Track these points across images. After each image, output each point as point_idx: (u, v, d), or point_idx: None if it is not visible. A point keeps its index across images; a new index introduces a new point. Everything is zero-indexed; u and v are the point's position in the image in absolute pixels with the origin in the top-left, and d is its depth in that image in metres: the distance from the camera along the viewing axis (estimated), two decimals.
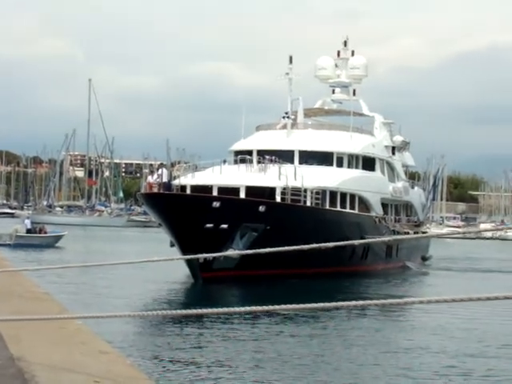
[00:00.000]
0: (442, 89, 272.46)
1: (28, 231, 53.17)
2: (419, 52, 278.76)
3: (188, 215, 31.11)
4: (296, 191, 35.64)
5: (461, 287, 34.27)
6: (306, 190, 36.15)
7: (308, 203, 36.48)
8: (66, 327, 8.59)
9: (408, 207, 51.45)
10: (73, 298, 23.73)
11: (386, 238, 7.51)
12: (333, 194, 38.96)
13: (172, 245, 33.96)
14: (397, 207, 48.63)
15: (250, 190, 35.54)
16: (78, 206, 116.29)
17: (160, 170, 36.02)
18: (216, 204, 32.02)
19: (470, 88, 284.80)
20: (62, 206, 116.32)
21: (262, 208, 33.15)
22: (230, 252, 28.01)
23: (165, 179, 34.77)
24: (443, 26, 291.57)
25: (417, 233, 49.93)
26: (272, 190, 35.76)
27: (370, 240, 8.91)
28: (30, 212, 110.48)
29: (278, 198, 35.59)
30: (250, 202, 33.63)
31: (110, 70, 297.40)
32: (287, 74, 43.13)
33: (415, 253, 48.71)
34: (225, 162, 39.13)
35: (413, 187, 53.51)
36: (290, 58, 43.52)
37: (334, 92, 50.42)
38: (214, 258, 28.98)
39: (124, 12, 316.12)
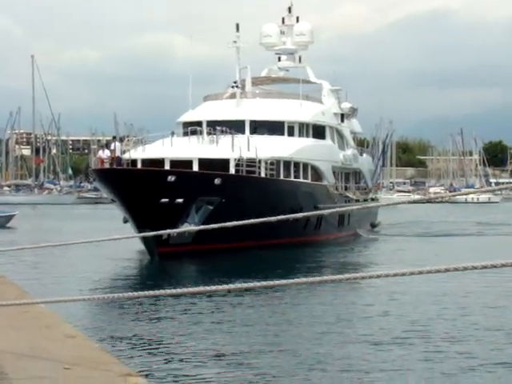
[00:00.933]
0: (386, 54, 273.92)
1: None
2: (363, 18, 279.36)
3: (142, 190, 30.48)
4: (250, 162, 35.22)
5: (410, 253, 34.59)
6: (260, 161, 35.71)
7: (262, 174, 36.07)
8: (28, 311, 8.40)
9: (357, 174, 51.56)
10: (30, 280, 23.26)
11: (351, 207, 7.45)
12: (286, 163, 38.61)
13: (125, 221, 33.43)
14: (347, 175, 48.67)
15: (203, 162, 34.89)
16: (26, 184, 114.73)
17: (113, 144, 34.84)
18: (171, 178, 31.40)
19: (413, 52, 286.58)
20: (9, 186, 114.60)
21: (217, 181, 32.66)
22: (186, 228, 27.75)
23: (118, 153, 33.92)
24: None
25: (366, 200, 50.38)
26: (225, 162, 35.19)
27: (333, 210, 8.87)
28: None
29: (232, 170, 35.06)
30: (205, 175, 33.06)
31: (52, 46, 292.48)
32: (235, 42, 42.41)
33: (365, 220, 49.11)
34: (173, 134, 38.15)
35: (361, 154, 53.48)
36: (237, 26, 42.81)
37: (279, 60, 49.67)
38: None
39: None
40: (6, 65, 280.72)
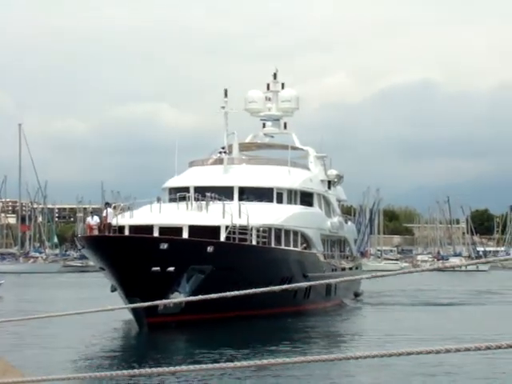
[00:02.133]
0: (372, 124, 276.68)
1: None
2: (348, 88, 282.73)
3: (134, 258, 29.75)
4: (242, 230, 34.68)
5: (395, 323, 34.50)
6: (251, 228, 35.20)
7: (254, 242, 35.50)
8: None
9: (342, 242, 51.16)
10: (14, 352, 22.59)
11: (345, 277, 7.12)
12: (277, 231, 38.18)
13: (113, 289, 32.73)
14: (333, 242, 48.29)
15: (193, 229, 34.28)
16: (12, 253, 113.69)
17: (105, 211, 34.01)
18: (164, 245, 30.72)
19: (398, 122, 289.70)
20: None
21: (210, 249, 32.02)
22: (177, 299, 27.15)
23: (110, 219, 33.12)
24: (370, 63, 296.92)
25: (351, 268, 50.06)
26: (216, 229, 34.62)
27: (333, 280, 8.53)
28: None
29: (223, 237, 34.47)
30: (198, 243, 32.40)
31: (39, 115, 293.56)
32: (223, 107, 42.26)
33: (350, 289, 48.63)
34: (159, 199, 37.68)
35: (346, 222, 53.21)
36: (225, 92, 42.67)
37: (264, 126, 49.41)
38: None
39: (50, 53, 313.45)
40: None
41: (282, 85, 49.43)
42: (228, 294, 7.03)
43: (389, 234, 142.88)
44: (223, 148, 41.92)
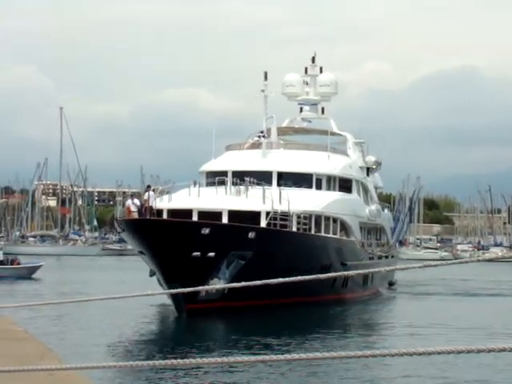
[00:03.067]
0: (410, 111, 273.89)
1: (0, 263, 51.87)
2: (388, 76, 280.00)
3: (175, 243, 29.23)
4: (283, 216, 34.05)
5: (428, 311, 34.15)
6: (291, 215, 34.54)
7: (294, 228, 34.87)
8: (53, 374, 7.78)
9: (378, 230, 50.44)
10: (54, 336, 22.45)
11: (400, 267, 6.74)
12: (317, 218, 37.55)
13: (152, 274, 32.44)
14: (370, 230, 47.52)
15: (233, 214, 33.70)
16: (52, 235, 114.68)
17: (147, 194, 33.23)
18: (205, 230, 30.19)
19: (437, 109, 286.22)
20: (34, 236, 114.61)
21: (251, 234, 31.47)
22: (216, 285, 26.79)
23: (152, 202, 32.44)
24: (410, 49, 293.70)
25: (387, 257, 49.38)
26: (256, 215, 33.98)
27: (378, 269, 8.06)
28: (3, 243, 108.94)
29: (263, 223, 33.85)
30: (239, 228, 31.84)
31: (80, 98, 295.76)
32: (262, 90, 41.39)
33: (385, 278, 47.96)
34: (196, 183, 37.14)
35: (383, 209, 52.29)
36: (265, 75, 41.71)
37: (301, 110, 48.42)
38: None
39: (92, 38, 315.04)
40: (35, 116, 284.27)
41: (321, 69, 48.37)
42: (270, 281, 6.73)
43: (428, 222, 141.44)
44: (262, 132, 41.18)
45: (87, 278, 52.89)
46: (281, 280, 6.60)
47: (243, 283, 7.00)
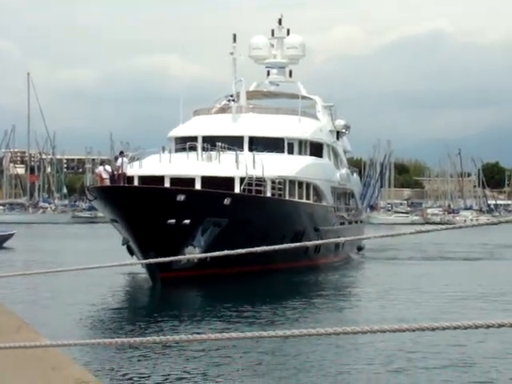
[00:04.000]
0: (380, 76, 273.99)
1: None
2: (356, 40, 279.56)
3: (149, 210, 28.63)
4: (258, 181, 33.56)
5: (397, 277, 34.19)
6: (265, 180, 34.06)
7: (268, 194, 34.45)
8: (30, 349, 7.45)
9: (348, 195, 50.12)
10: (28, 308, 22.01)
11: (390, 234, 6.43)
12: (291, 183, 37.13)
13: (125, 242, 31.78)
14: (339, 195, 46.99)
15: (206, 180, 33.16)
16: (21, 203, 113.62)
17: (119, 160, 32.25)
18: (181, 197, 29.56)
19: (407, 74, 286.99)
20: (3, 205, 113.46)
21: (226, 201, 30.96)
22: (191, 255, 26.36)
23: (125, 169, 31.61)
24: (379, 14, 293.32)
25: (357, 222, 49.27)
26: (230, 180, 33.47)
27: (358, 237, 7.61)
28: None
29: (237, 189, 33.33)
30: (215, 195, 31.29)
31: (47, 64, 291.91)
32: (231, 53, 40.39)
33: (354, 244, 47.72)
34: (164, 149, 36.30)
35: (352, 174, 51.81)
36: (234, 37, 40.70)
37: (268, 74, 47.31)
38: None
39: (59, 2, 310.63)
40: (1, 83, 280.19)
41: (288, 31, 47.19)
42: (242, 250, 6.35)
43: (398, 187, 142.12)
44: (231, 96, 40.20)
45: (59, 247, 52.41)
46: (254, 249, 6.26)
47: (220, 252, 6.63)
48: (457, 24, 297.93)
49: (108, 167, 33.03)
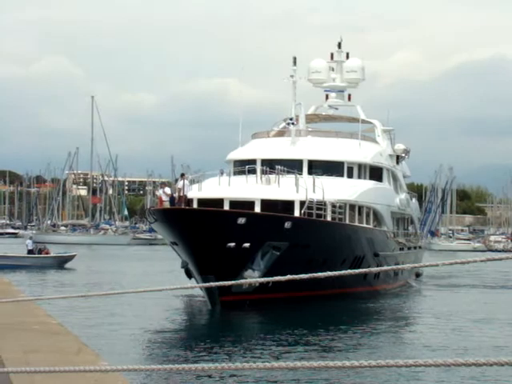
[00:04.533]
0: (441, 101, 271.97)
1: (29, 252, 51.94)
2: (418, 65, 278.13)
3: (210, 233, 28.30)
4: (319, 205, 33.09)
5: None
6: (325, 203, 33.63)
7: (328, 218, 33.91)
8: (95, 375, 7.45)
9: (407, 220, 49.38)
10: (88, 330, 22.01)
11: (460, 261, 6.22)
12: (351, 207, 36.66)
13: (184, 265, 31.46)
14: (399, 220, 46.36)
15: (266, 203, 32.85)
16: (82, 224, 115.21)
17: (181, 182, 31.95)
18: (241, 220, 29.13)
19: (468, 100, 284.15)
20: (66, 225, 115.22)
21: (287, 224, 30.39)
22: (250, 279, 25.87)
23: (186, 191, 31.40)
24: (441, 39, 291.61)
25: (415, 248, 48.54)
26: (290, 204, 33.15)
27: (425, 264, 7.26)
28: (34, 232, 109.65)
29: (297, 212, 32.94)
30: (275, 218, 30.87)
31: (111, 88, 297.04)
32: (291, 76, 40.12)
33: (413, 270, 47.00)
34: (223, 172, 36.01)
35: (411, 199, 50.97)
36: (294, 60, 40.47)
37: (327, 97, 47.00)
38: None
39: (121, 28, 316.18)
40: (66, 106, 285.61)
41: (347, 54, 46.97)
42: (302, 276, 6.18)
43: (460, 213, 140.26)
44: (291, 119, 39.66)
45: (119, 268, 52.82)
46: (315, 275, 6.10)
47: (280, 277, 6.49)
48: None
49: (168, 189, 32.85)
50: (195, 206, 32.72)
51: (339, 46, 47.02)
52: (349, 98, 47.18)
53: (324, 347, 21.31)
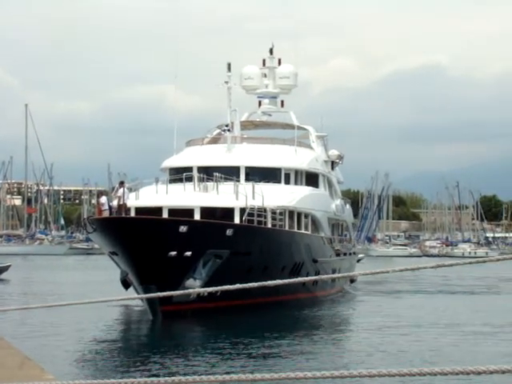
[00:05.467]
0: (375, 108, 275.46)
1: None
2: (352, 72, 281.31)
3: (151, 242, 27.87)
4: (260, 212, 32.89)
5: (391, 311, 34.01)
6: (265, 210, 33.45)
7: (269, 224, 33.81)
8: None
9: (341, 226, 49.57)
10: (28, 341, 21.57)
11: (410, 268, 6.28)
12: (291, 213, 36.59)
13: (124, 275, 30.85)
14: (333, 226, 46.34)
15: (206, 211, 32.62)
16: (18, 234, 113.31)
17: (120, 190, 31.24)
18: (183, 228, 28.82)
19: (402, 107, 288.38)
20: (0, 236, 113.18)
21: (229, 232, 30.24)
22: (192, 289, 25.52)
23: (126, 200, 30.79)
24: (375, 46, 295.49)
25: (351, 254, 48.78)
26: (230, 211, 32.98)
27: (376, 271, 7.25)
28: None
29: (237, 220, 32.78)
30: (217, 226, 30.67)
31: (45, 96, 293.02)
32: (226, 82, 39.74)
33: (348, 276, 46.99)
34: (157, 180, 35.43)
35: (345, 205, 50.74)
36: (229, 66, 40.06)
37: (260, 104, 46.63)
38: None
39: (57, 35, 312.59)
40: (1, 114, 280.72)
41: (279, 61, 46.49)
42: (243, 285, 6.12)
43: (396, 219, 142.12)
44: (227, 125, 39.32)
45: (56, 279, 52.01)
46: (256, 284, 6.03)
47: (217, 288, 6.44)
48: (453, 57, 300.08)
49: (104, 198, 32.22)
50: (133, 214, 32.07)
51: (271, 52, 46.62)
52: (282, 105, 46.93)
53: (266, 356, 21.25)
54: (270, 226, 33.65)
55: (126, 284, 31.62)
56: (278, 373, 5.06)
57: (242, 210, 32.69)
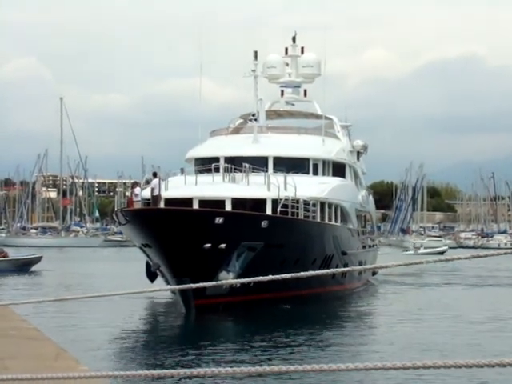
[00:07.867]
0: (411, 100, 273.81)
1: None
2: (388, 64, 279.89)
3: (186, 234, 27.17)
4: (293, 203, 32.22)
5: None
6: (297, 201, 32.74)
7: (301, 216, 33.03)
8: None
9: (364, 217, 48.94)
10: (63, 333, 21.71)
11: (444, 258, 6.12)
12: (322, 204, 36.05)
13: (156, 268, 29.80)
14: (358, 218, 45.34)
15: (237, 202, 32.00)
16: (53, 227, 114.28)
17: (154, 181, 30.54)
18: (219, 220, 28.12)
19: (438, 98, 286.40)
20: (36, 228, 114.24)
21: (264, 224, 29.62)
22: (226, 280, 25.22)
23: (157, 191, 30.06)
24: (412, 37, 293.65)
25: (374, 246, 48.31)
26: (261, 202, 32.34)
27: (412, 262, 7.00)
28: (3, 235, 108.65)
29: (269, 211, 32.18)
30: (252, 217, 30.05)
31: (80, 89, 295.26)
32: (253, 70, 38.74)
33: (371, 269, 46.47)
34: (183, 171, 35.16)
35: (369, 195, 49.85)
36: (255, 54, 38.92)
37: (282, 93, 45.73)
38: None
39: (91, 29, 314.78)
40: (35, 108, 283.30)
41: (302, 49, 45.52)
42: (278, 276, 5.99)
43: (430, 210, 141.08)
44: (253, 115, 38.15)
45: (92, 270, 52.37)
46: (293, 275, 5.96)
47: (252, 279, 6.27)
48: (491, 47, 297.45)
49: (138, 189, 31.61)
50: (163, 205, 31.16)
51: (294, 40, 45.69)
52: (305, 94, 46.00)
53: (302, 348, 21.16)
54: (302, 217, 33.23)
55: (151, 276, 31.38)
56: (327, 364, 4.97)
57: (274, 202, 32.10)
